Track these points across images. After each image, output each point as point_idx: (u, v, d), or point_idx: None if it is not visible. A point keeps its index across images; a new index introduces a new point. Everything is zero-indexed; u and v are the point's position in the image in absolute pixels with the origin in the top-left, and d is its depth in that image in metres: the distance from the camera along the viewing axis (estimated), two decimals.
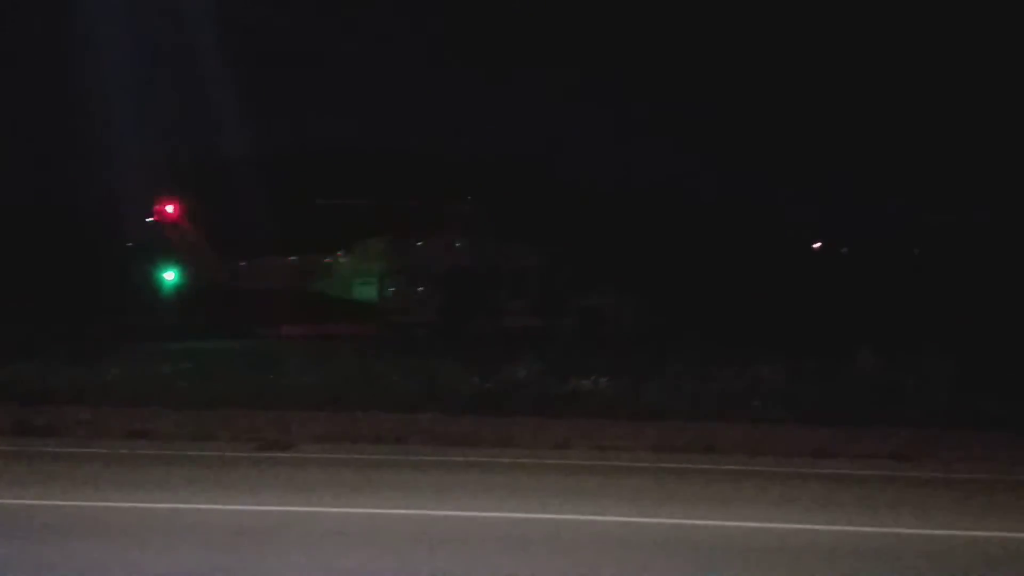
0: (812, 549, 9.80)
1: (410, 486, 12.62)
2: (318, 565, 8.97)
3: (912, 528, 10.67)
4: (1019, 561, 9.58)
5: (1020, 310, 32.74)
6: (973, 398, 18.81)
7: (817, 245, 55.85)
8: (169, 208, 36.63)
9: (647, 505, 11.60)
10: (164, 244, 37.05)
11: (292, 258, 37.32)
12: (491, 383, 20.39)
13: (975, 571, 9.16)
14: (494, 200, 37.08)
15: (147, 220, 36.92)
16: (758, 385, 20.10)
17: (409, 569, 8.86)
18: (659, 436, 16.22)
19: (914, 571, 9.10)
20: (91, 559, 9.05)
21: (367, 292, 36.24)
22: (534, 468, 14.02)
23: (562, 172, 52.52)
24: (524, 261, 35.54)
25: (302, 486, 12.59)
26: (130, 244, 44.01)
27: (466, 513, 11.09)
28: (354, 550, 9.48)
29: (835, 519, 10.99)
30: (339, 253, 36.49)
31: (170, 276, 36.91)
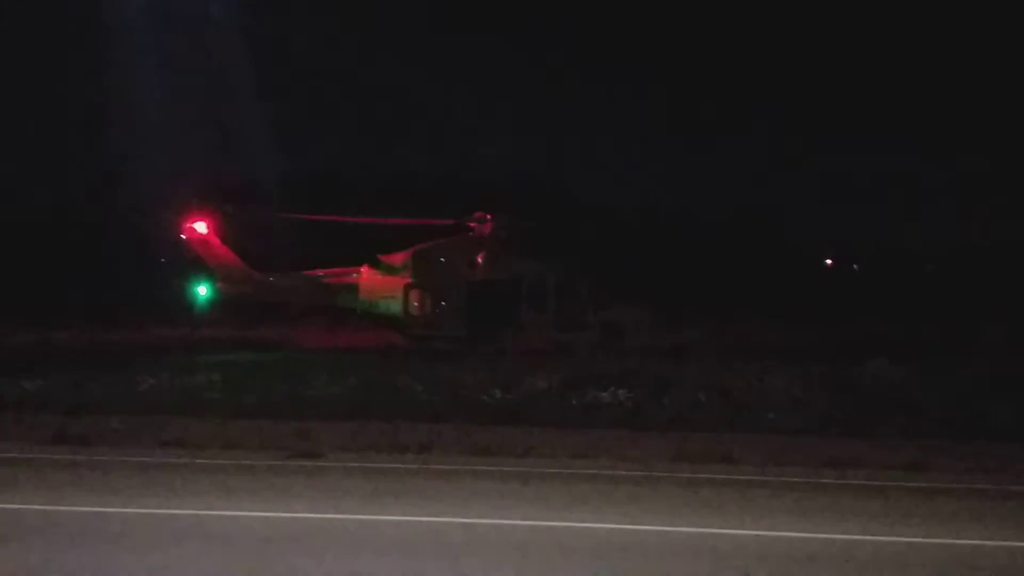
0: (827, 557, 9.72)
1: (434, 495, 12.59)
2: (345, 571, 8.94)
3: (923, 537, 10.58)
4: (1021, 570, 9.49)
5: None
6: (985, 409, 18.68)
7: (829, 262, 55.78)
8: (200, 227, 36.85)
9: (667, 514, 11.53)
10: (196, 260, 37.24)
11: (319, 272, 37.43)
12: (513, 395, 20.38)
13: None
14: (516, 219, 37.02)
15: (180, 238, 37.12)
16: (773, 396, 20.03)
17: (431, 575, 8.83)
18: (677, 446, 16.11)
19: None
20: (121, 564, 9.06)
21: (392, 306, 36.26)
22: (555, 478, 13.96)
23: (581, 193, 52.64)
24: (543, 276, 35.48)
25: (329, 494, 12.58)
26: (164, 260, 44.34)
27: (489, 521, 11.05)
28: (381, 557, 9.45)
29: (850, 528, 10.91)
30: (364, 267, 36.55)
31: (203, 291, 37.09)
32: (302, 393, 20.94)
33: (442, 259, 36.23)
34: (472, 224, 35.89)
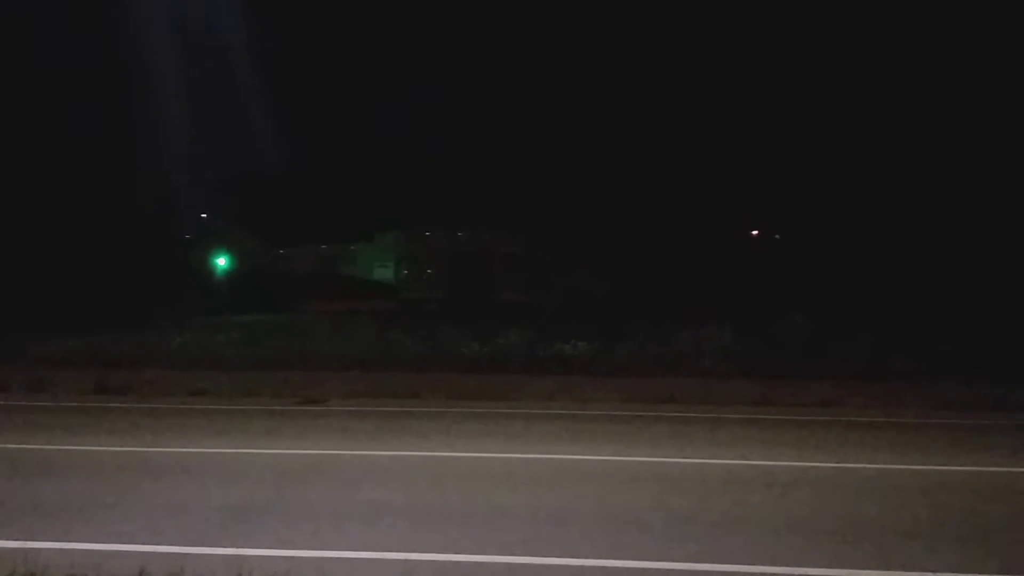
0: (755, 480, 9.81)
1: (422, 433, 12.60)
2: (348, 498, 8.95)
3: (836, 462, 10.70)
4: (918, 487, 9.59)
5: (923, 285, 32.92)
6: (884, 355, 18.90)
7: (755, 232, 55.96)
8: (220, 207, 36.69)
9: (620, 446, 11.60)
10: (217, 236, 37.03)
11: (323, 246, 37.32)
12: (489, 348, 20.40)
13: (883, 496, 9.17)
14: (490, 196, 37.07)
15: (202, 216, 36.90)
16: (707, 346, 20.17)
17: (421, 501, 8.85)
18: (628, 389, 16.22)
19: (831, 498, 9.11)
20: (160, 495, 9.03)
21: (385, 274, 36.23)
22: (525, 417, 14.01)
23: (545, 173, 52.45)
24: (514, 247, 35.53)
25: (334, 433, 12.58)
26: (188, 236, 44.00)
27: (468, 454, 11.09)
28: (378, 486, 9.46)
29: (773, 455, 11.03)
30: (362, 241, 36.47)
31: (222, 262, 36.91)
32: (309, 348, 20.88)
33: (428, 233, 36.22)
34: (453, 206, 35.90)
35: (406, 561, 7.05)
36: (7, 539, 7.38)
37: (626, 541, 7.59)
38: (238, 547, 7.27)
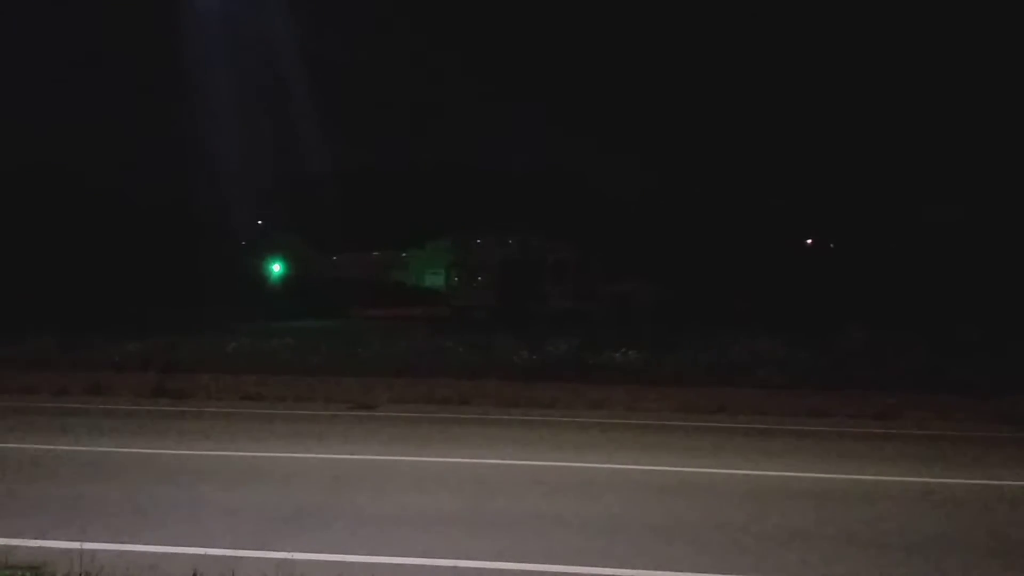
0: (807, 493, 9.64)
1: (472, 439, 12.59)
2: (398, 504, 8.96)
3: (891, 476, 10.46)
4: (974, 503, 9.34)
5: (982, 296, 32.19)
6: (941, 367, 18.49)
7: (809, 241, 55.30)
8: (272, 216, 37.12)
9: (670, 456, 11.47)
10: (271, 242, 37.49)
11: (375, 253, 37.60)
12: (538, 355, 20.37)
13: (939, 512, 8.94)
14: (540, 205, 37.04)
15: (258, 222, 37.40)
16: (761, 356, 19.90)
17: (471, 508, 8.82)
18: (678, 399, 16.07)
19: (882, 512, 8.90)
20: (214, 498, 9.12)
21: (436, 281, 36.37)
22: (574, 425, 13.94)
23: (596, 181, 52.39)
24: (564, 255, 35.44)
25: (385, 439, 12.61)
26: (244, 243, 44.61)
27: (518, 462, 11.04)
28: (428, 492, 9.46)
29: (826, 468, 10.82)
30: (413, 249, 36.69)
31: (277, 268, 37.36)
32: (361, 354, 21.01)
33: (478, 241, 36.29)
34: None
35: (455, 568, 7.02)
36: (64, 540, 7.49)
37: (677, 553, 7.49)
38: (289, 551, 7.30)
